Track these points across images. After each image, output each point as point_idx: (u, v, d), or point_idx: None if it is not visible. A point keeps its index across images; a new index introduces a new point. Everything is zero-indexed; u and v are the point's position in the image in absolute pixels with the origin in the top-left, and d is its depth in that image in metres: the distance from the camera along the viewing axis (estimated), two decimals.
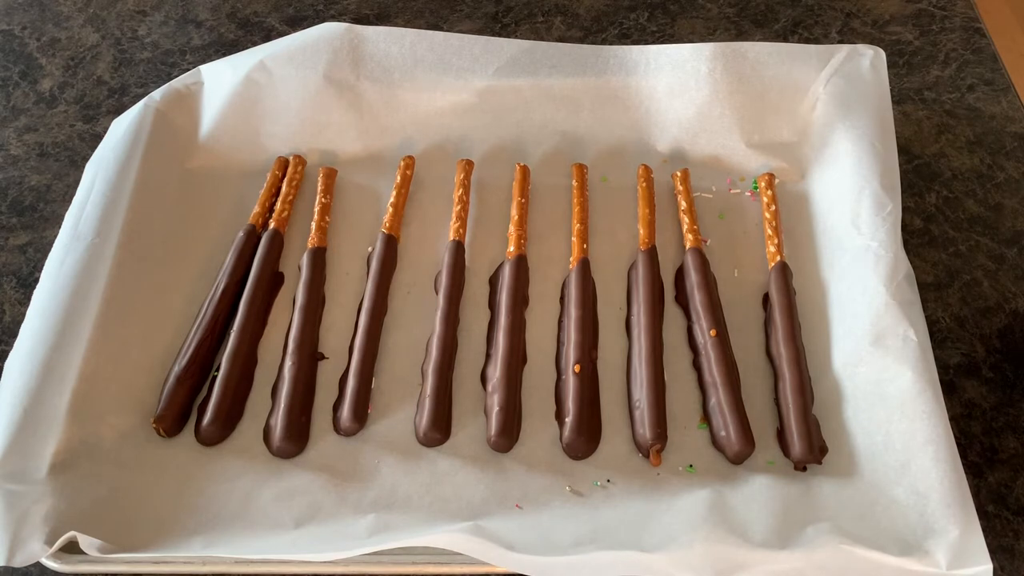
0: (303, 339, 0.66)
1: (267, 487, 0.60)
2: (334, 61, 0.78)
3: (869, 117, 0.73)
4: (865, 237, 0.67)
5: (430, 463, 0.61)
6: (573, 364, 0.64)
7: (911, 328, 0.62)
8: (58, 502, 0.56)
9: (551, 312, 0.69)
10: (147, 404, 0.64)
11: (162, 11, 0.95)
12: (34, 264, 0.74)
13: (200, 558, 0.56)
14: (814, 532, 0.54)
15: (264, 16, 0.94)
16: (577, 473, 0.61)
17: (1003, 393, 0.64)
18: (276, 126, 0.78)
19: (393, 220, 0.73)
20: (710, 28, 0.91)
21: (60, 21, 0.95)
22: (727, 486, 0.59)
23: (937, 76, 0.85)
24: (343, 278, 0.72)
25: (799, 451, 0.60)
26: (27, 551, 0.54)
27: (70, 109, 0.86)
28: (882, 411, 0.60)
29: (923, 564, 0.53)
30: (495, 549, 0.54)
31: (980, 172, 0.77)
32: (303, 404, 0.64)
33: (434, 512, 0.58)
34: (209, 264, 0.71)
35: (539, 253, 0.72)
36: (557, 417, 0.63)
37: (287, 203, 0.75)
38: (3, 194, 0.79)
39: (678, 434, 0.62)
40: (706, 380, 0.64)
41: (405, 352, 0.67)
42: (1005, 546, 0.58)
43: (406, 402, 0.64)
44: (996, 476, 0.61)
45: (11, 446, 0.57)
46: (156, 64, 0.90)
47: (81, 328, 0.63)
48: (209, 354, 0.66)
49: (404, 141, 0.79)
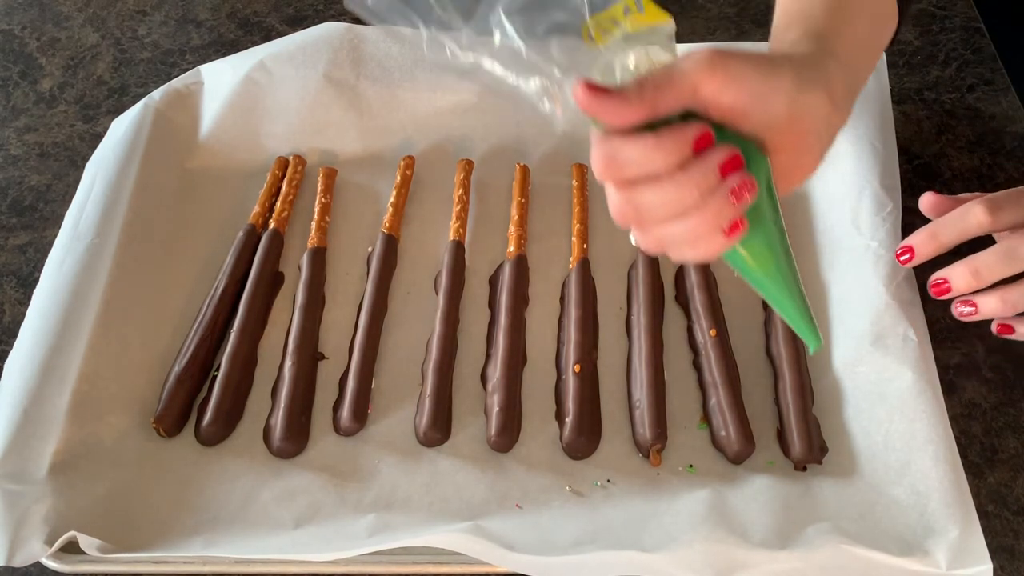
0: (303, 339, 0.66)
1: (267, 487, 0.60)
2: (334, 61, 0.78)
3: (869, 117, 0.73)
4: (865, 237, 0.67)
5: (430, 463, 0.61)
6: (573, 364, 0.64)
7: (911, 328, 0.62)
8: (58, 502, 0.56)
9: (551, 312, 0.69)
10: (147, 404, 0.64)
11: (162, 11, 0.95)
12: (34, 264, 0.74)
13: (200, 558, 0.56)
14: (814, 532, 0.54)
15: (264, 16, 0.94)
16: (577, 473, 0.61)
17: (1003, 393, 0.64)
18: (276, 126, 0.78)
19: (393, 220, 0.73)
20: (710, 28, 0.91)
21: (60, 21, 0.95)
22: (727, 486, 0.59)
23: (937, 76, 0.85)
24: (343, 278, 0.72)
25: (799, 451, 0.60)
26: (27, 551, 0.54)
27: (70, 109, 0.86)
28: (882, 411, 0.60)
29: (923, 564, 0.53)
30: (495, 549, 0.54)
31: (980, 172, 0.77)
32: (303, 404, 0.64)
33: (434, 512, 0.58)
34: (209, 264, 0.71)
35: (539, 253, 0.72)
36: (557, 417, 0.63)
37: (287, 203, 0.75)
38: (3, 194, 0.79)
39: (678, 434, 0.62)
40: (706, 380, 0.64)
41: (405, 352, 0.67)
42: (1005, 546, 0.58)
43: (406, 402, 0.64)
44: (996, 476, 0.61)
45: (11, 446, 0.57)
46: (156, 64, 0.90)
47: (81, 328, 0.63)
48: (209, 354, 0.66)
49: (404, 141, 0.79)
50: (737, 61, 0.45)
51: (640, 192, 0.45)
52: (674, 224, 0.46)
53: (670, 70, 0.44)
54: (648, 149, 0.44)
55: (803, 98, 0.47)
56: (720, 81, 0.44)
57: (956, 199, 0.61)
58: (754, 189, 0.45)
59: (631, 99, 0.43)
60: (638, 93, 0.43)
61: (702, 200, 0.45)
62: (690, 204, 0.45)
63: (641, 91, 0.44)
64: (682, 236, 0.46)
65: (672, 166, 0.44)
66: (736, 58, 0.45)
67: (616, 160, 0.44)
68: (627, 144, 0.44)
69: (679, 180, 0.44)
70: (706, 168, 0.44)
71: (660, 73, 0.44)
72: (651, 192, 0.45)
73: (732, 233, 0.46)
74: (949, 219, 0.57)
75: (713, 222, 0.45)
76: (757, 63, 0.45)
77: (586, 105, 0.43)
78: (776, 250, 0.49)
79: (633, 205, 0.45)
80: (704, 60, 0.44)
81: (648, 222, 0.46)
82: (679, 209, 0.45)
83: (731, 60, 0.45)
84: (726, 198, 0.45)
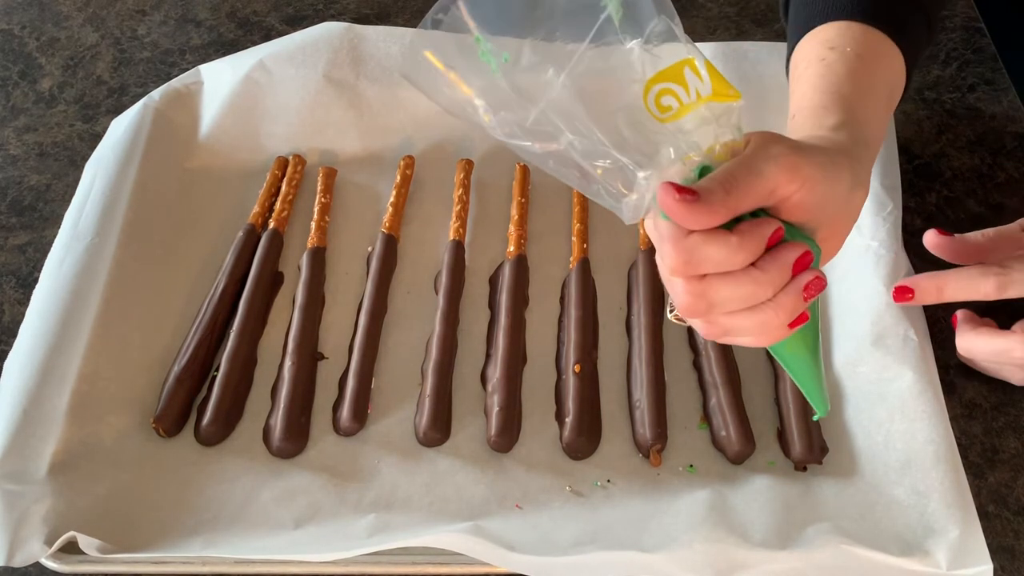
0: (303, 339, 0.66)
1: (267, 487, 0.60)
2: (334, 61, 0.78)
3: None
4: (866, 237, 0.67)
5: (430, 463, 0.61)
6: (573, 364, 0.64)
7: (911, 328, 0.62)
8: (58, 502, 0.56)
9: (551, 312, 0.69)
10: (147, 404, 0.64)
11: (162, 11, 0.95)
12: (34, 264, 0.73)
13: (200, 558, 0.56)
14: (814, 532, 0.54)
15: (264, 16, 0.94)
16: (577, 473, 0.60)
17: (1003, 393, 0.64)
18: (276, 126, 0.78)
19: (393, 220, 0.73)
20: (710, 27, 0.91)
21: (59, 21, 0.94)
22: (727, 486, 0.59)
23: (938, 76, 0.85)
24: (343, 278, 0.72)
25: (799, 451, 0.60)
26: (27, 551, 0.54)
27: (69, 109, 0.86)
28: (882, 411, 0.60)
29: (923, 564, 0.53)
30: (495, 549, 0.54)
31: (981, 172, 0.77)
32: (303, 404, 0.63)
33: (434, 512, 0.58)
34: (209, 264, 0.71)
35: (539, 253, 0.72)
36: (557, 417, 0.63)
37: (287, 203, 0.75)
38: (3, 194, 0.79)
39: (678, 434, 0.62)
40: (706, 380, 0.64)
41: (405, 352, 0.67)
42: (1005, 546, 0.58)
43: (406, 402, 0.64)
44: (996, 476, 0.61)
45: (11, 446, 0.57)
46: (156, 64, 0.90)
47: (81, 328, 0.63)
48: (209, 354, 0.66)
49: (404, 141, 0.79)
50: (808, 165, 0.46)
51: (715, 288, 0.45)
52: (745, 317, 0.46)
53: (748, 172, 0.45)
54: (731, 250, 0.44)
55: (855, 197, 0.50)
56: (796, 185, 0.45)
57: (962, 241, 0.62)
58: (823, 285, 0.47)
59: (715, 204, 0.43)
60: (722, 198, 0.43)
61: (775, 296, 0.46)
62: (763, 299, 0.46)
63: (725, 196, 0.43)
64: (750, 328, 0.47)
65: (749, 263, 0.45)
66: (806, 160, 0.46)
67: (695, 258, 0.44)
68: (707, 244, 0.44)
69: (757, 278, 0.45)
70: (782, 266, 0.46)
71: (740, 175, 0.44)
72: (727, 288, 0.45)
73: (796, 325, 0.47)
74: (959, 283, 0.59)
75: (783, 316, 0.46)
76: (822, 165, 0.47)
77: (673, 211, 0.43)
78: (816, 334, 0.50)
79: (707, 300, 0.46)
80: (783, 165, 0.45)
81: (719, 315, 0.47)
82: (752, 303, 0.46)
83: (803, 163, 0.46)
84: (799, 295, 0.46)
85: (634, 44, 0.44)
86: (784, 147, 0.46)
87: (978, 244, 0.62)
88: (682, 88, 0.45)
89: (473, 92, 0.45)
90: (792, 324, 0.47)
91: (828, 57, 0.58)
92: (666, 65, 0.45)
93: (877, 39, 0.59)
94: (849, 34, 0.59)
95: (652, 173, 0.44)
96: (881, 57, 0.59)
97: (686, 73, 0.45)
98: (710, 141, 0.45)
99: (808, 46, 0.60)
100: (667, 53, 0.45)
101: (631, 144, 0.44)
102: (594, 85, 0.44)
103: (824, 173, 0.47)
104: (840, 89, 0.55)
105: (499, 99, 0.44)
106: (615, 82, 0.45)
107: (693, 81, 0.45)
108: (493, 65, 0.44)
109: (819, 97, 0.56)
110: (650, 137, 0.45)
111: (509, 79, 0.44)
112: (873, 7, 0.59)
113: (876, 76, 0.58)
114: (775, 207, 0.46)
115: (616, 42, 0.44)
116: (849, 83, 0.56)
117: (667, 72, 0.45)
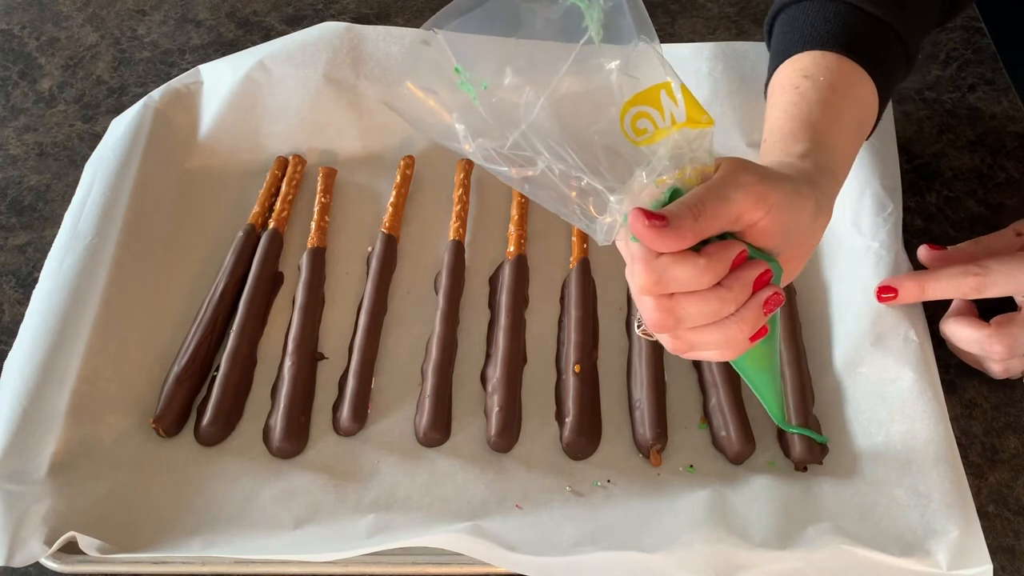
0: (303, 339, 0.66)
1: (267, 487, 0.60)
2: (334, 61, 0.78)
3: None
4: (866, 237, 0.67)
5: (430, 463, 0.61)
6: (573, 364, 0.64)
7: (912, 328, 0.62)
8: (58, 502, 0.56)
9: (551, 312, 0.69)
10: (147, 404, 0.64)
11: (161, 11, 0.95)
12: (33, 264, 0.73)
13: (200, 558, 0.56)
14: (814, 532, 0.54)
15: (264, 16, 0.94)
16: (577, 473, 0.60)
17: (1003, 393, 0.64)
18: (276, 126, 0.78)
19: (393, 220, 0.73)
20: (710, 27, 0.91)
21: (59, 21, 0.94)
22: (727, 486, 0.59)
23: (938, 76, 0.85)
24: (343, 278, 0.72)
25: (799, 451, 0.60)
26: (27, 551, 0.54)
27: (69, 109, 0.86)
28: (883, 411, 0.60)
29: (924, 564, 0.53)
30: (495, 549, 0.54)
31: (981, 172, 0.77)
32: (303, 404, 0.63)
33: (434, 512, 0.58)
34: (209, 264, 0.71)
35: (539, 253, 0.72)
36: (557, 417, 0.63)
37: (287, 203, 0.75)
38: (3, 194, 0.79)
39: (678, 434, 0.62)
40: (706, 380, 0.64)
41: (405, 352, 0.67)
42: (1005, 546, 0.58)
43: (406, 402, 0.64)
44: (997, 476, 0.61)
45: (11, 446, 0.57)
46: (155, 64, 0.90)
47: (80, 328, 0.63)
48: (209, 354, 0.66)
49: (404, 141, 0.79)
50: (774, 193, 0.49)
51: (683, 305, 0.48)
52: (709, 332, 0.50)
53: (716, 198, 0.47)
54: (699, 271, 0.47)
55: (817, 224, 0.53)
56: (762, 213, 0.48)
57: (956, 251, 0.64)
58: (781, 300, 0.50)
59: (683, 229, 0.46)
60: (690, 223, 0.46)
61: (737, 311, 0.49)
62: (727, 314, 0.49)
63: (694, 222, 0.46)
64: (715, 342, 0.50)
65: (715, 283, 0.48)
66: (772, 189, 0.49)
67: (664, 278, 0.47)
68: (676, 265, 0.47)
69: (722, 296, 0.48)
70: (744, 284, 0.49)
71: (708, 201, 0.47)
72: (693, 305, 0.48)
73: (757, 338, 0.50)
74: (941, 283, 0.61)
75: (746, 330, 0.49)
76: (788, 194, 0.50)
77: (643, 235, 0.46)
78: (775, 347, 0.54)
79: (675, 316, 0.49)
80: (750, 193, 0.48)
81: (685, 330, 0.49)
82: (716, 318, 0.49)
83: (769, 192, 0.48)
84: (759, 309, 0.49)
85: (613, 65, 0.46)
86: (752, 176, 0.48)
87: (971, 254, 0.63)
88: (658, 112, 0.47)
89: (454, 118, 0.47)
90: (753, 337, 0.50)
91: (802, 85, 0.59)
92: (643, 88, 0.47)
93: (850, 69, 0.60)
94: (824, 63, 0.60)
95: (624, 197, 0.47)
96: (853, 87, 0.60)
97: (662, 97, 0.47)
98: (682, 165, 0.48)
99: (785, 73, 0.61)
100: (645, 75, 0.47)
101: (605, 167, 0.47)
102: (572, 108, 0.47)
103: (789, 202, 0.50)
104: (810, 117, 0.57)
105: (478, 126, 0.47)
106: (593, 105, 0.47)
107: (668, 105, 0.47)
108: (472, 94, 0.46)
109: (789, 124, 0.57)
110: (625, 159, 0.47)
111: (488, 107, 0.46)
112: (849, 39, 0.61)
113: (846, 106, 0.59)
114: (741, 231, 0.49)
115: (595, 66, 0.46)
116: (819, 111, 0.58)
117: (644, 95, 0.47)
